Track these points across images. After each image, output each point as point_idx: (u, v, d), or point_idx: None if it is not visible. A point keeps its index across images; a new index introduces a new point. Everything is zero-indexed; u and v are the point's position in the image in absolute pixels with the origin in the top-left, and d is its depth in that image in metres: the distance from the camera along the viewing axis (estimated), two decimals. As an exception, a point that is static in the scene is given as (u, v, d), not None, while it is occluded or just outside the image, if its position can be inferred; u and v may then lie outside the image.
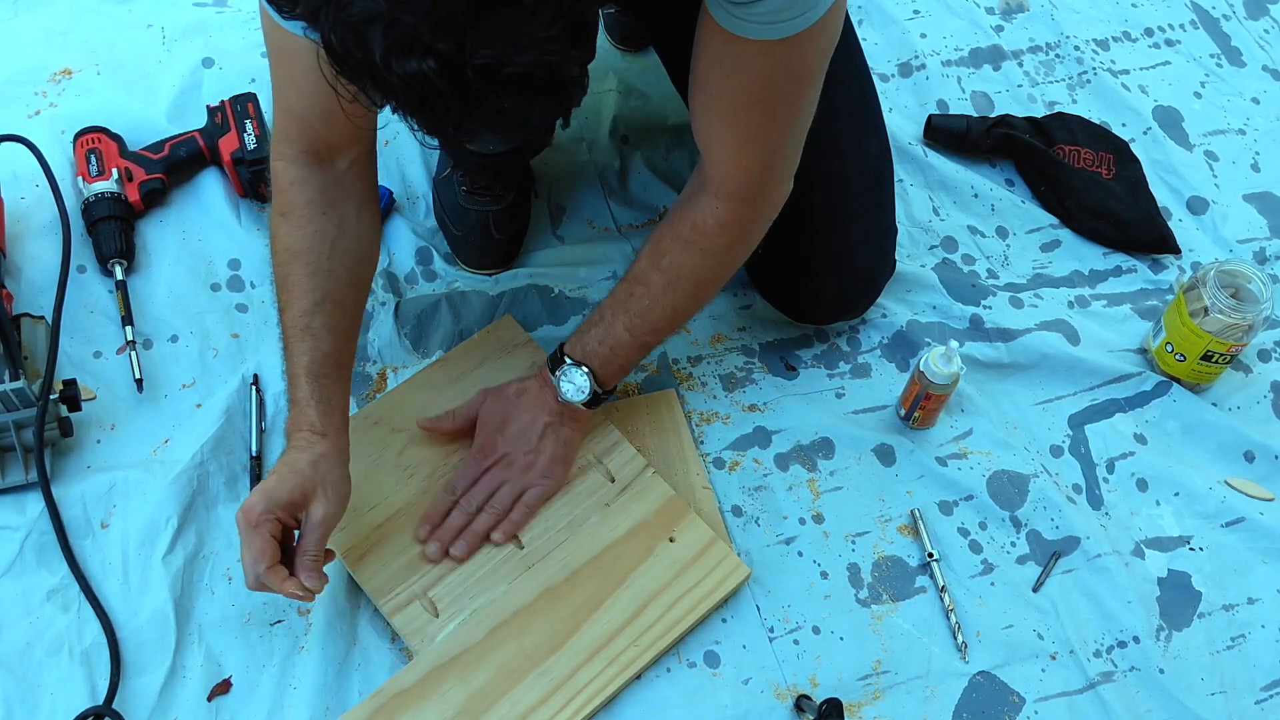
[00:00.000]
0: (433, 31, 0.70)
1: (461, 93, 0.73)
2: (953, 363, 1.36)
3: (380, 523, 1.30)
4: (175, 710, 1.22)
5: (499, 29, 0.71)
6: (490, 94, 0.74)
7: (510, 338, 1.43)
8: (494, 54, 0.71)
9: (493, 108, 0.75)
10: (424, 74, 0.71)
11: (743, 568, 1.30)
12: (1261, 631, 1.36)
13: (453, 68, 0.71)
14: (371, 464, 1.33)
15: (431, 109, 0.75)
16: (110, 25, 1.67)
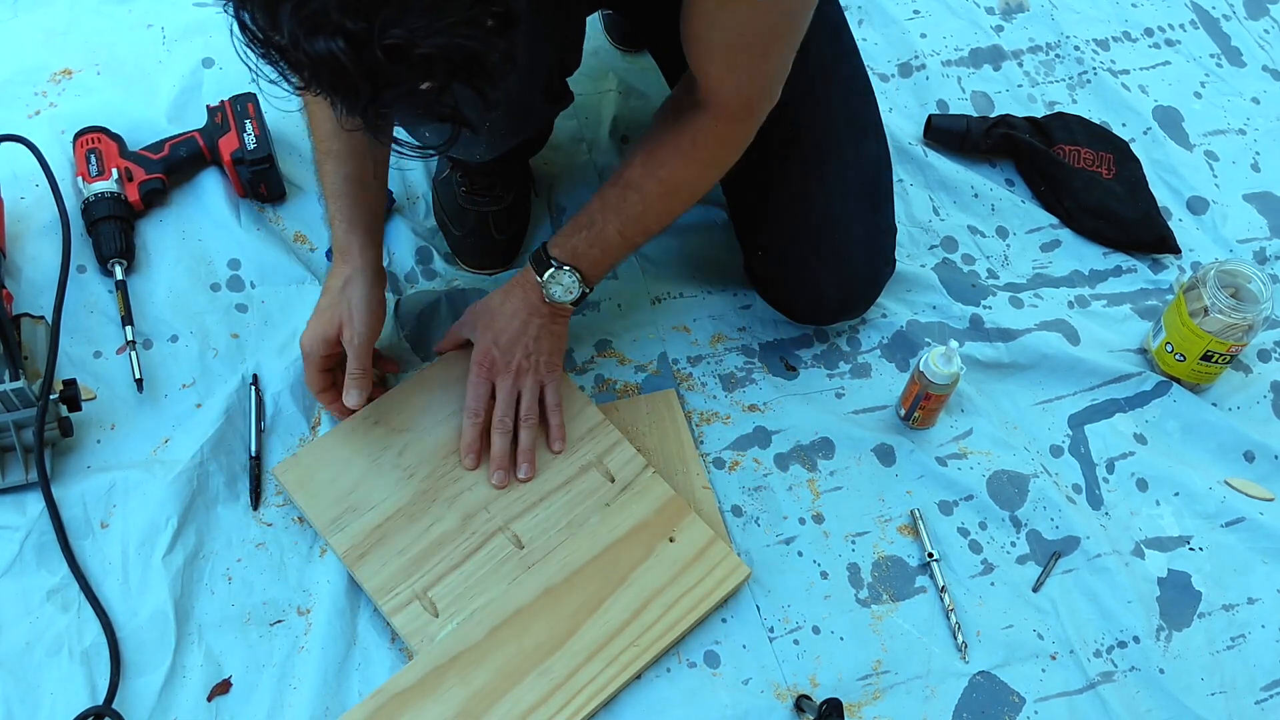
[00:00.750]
0: (342, 11, 0.70)
1: (371, 73, 0.73)
2: (953, 363, 1.36)
3: (380, 523, 1.29)
4: (175, 710, 1.22)
5: (411, 10, 0.71)
6: (401, 75, 0.74)
7: None
8: (404, 35, 0.71)
9: (405, 89, 0.75)
10: (333, 53, 0.72)
11: (743, 568, 1.30)
12: (1261, 631, 1.36)
13: (362, 47, 0.71)
14: (371, 464, 1.32)
15: (342, 89, 0.75)
16: (110, 25, 1.67)
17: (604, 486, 1.33)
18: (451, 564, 1.28)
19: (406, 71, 0.74)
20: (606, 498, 1.32)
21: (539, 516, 1.30)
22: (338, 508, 1.30)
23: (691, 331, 1.50)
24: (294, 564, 1.31)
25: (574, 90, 1.35)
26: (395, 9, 0.71)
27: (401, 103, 0.77)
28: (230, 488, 1.34)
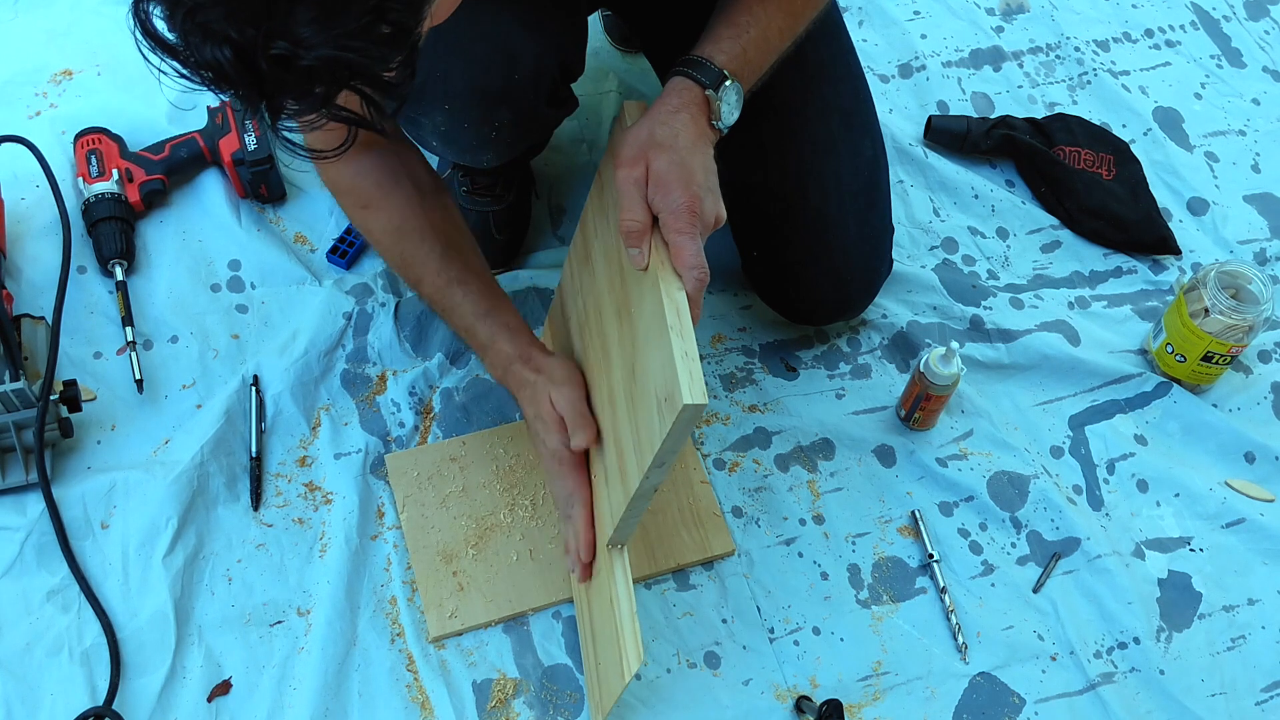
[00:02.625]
0: (229, 20, 0.71)
1: (257, 80, 0.74)
2: (953, 363, 1.36)
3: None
4: (175, 711, 1.22)
5: (298, 20, 0.71)
6: (287, 83, 0.74)
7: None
8: (288, 46, 0.72)
9: (293, 95, 0.76)
10: (218, 61, 0.72)
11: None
12: (1262, 632, 1.35)
13: (247, 57, 0.72)
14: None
15: (232, 94, 0.76)
16: (111, 26, 1.67)
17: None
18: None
19: (292, 80, 0.74)
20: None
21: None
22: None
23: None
24: (294, 565, 1.31)
25: (574, 92, 1.35)
26: (282, 19, 0.71)
27: (294, 107, 0.78)
28: (230, 488, 1.34)
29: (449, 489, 1.36)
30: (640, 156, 1.02)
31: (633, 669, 1.12)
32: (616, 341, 1.12)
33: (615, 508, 1.14)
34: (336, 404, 1.41)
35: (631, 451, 1.08)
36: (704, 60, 1.08)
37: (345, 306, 1.47)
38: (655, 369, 1.01)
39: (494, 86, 1.19)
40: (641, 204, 1.03)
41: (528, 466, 1.38)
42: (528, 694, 1.26)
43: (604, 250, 1.16)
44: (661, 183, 1.01)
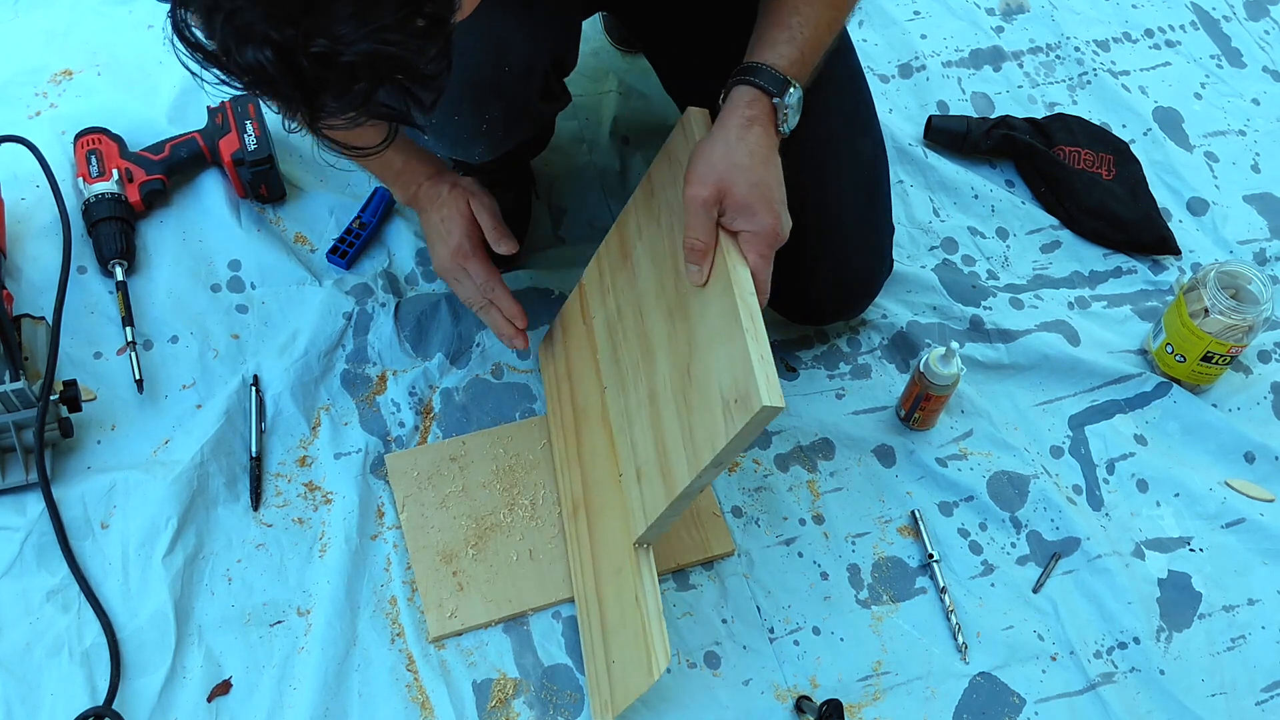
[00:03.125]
0: (268, 21, 0.72)
1: (299, 80, 0.74)
2: (953, 364, 1.36)
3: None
4: (175, 711, 1.22)
5: (337, 17, 0.72)
6: (329, 81, 0.75)
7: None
8: (329, 43, 0.72)
9: (335, 93, 0.76)
10: (260, 63, 0.73)
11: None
12: (1262, 633, 1.35)
13: (288, 57, 0.73)
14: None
15: (274, 95, 0.77)
16: (111, 26, 1.67)
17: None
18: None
19: (334, 77, 0.75)
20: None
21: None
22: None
23: (692, 332, 1.50)
24: (294, 565, 1.31)
25: (574, 91, 1.35)
26: (321, 17, 0.72)
27: (335, 105, 0.78)
28: (230, 488, 1.34)
29: (449, 489, 1.36)
30: (715, 178, 1.03)
31: (661, 667, 1.12)
32: (665, 342, 1.13)
33: (651, 506, 1.15)
34: (336, 404, 1.41)
35: (681, 450, 1.09)
36: (766, 67, 1.07)
37: (345, 306, 1.47)
38: (721, 371, 1.03)
39: (485, 78, 1.19)
40: (710, 225, 1.05)
41: (528, 466, 1.38)
42: (528, 694, 1.26)
43: (651, 253, 1.18)
44: (744, 206, 1.04)
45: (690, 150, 1.10)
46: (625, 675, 1.19)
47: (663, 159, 1.17)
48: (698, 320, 1.09)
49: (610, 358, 1.27)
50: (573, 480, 1.33)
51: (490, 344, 1.47)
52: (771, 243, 1.05)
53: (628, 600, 1.19)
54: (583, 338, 1.35)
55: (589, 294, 1.35)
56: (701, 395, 1.07)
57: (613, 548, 1.23)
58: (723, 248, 1.06)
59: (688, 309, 1.10)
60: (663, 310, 1.15)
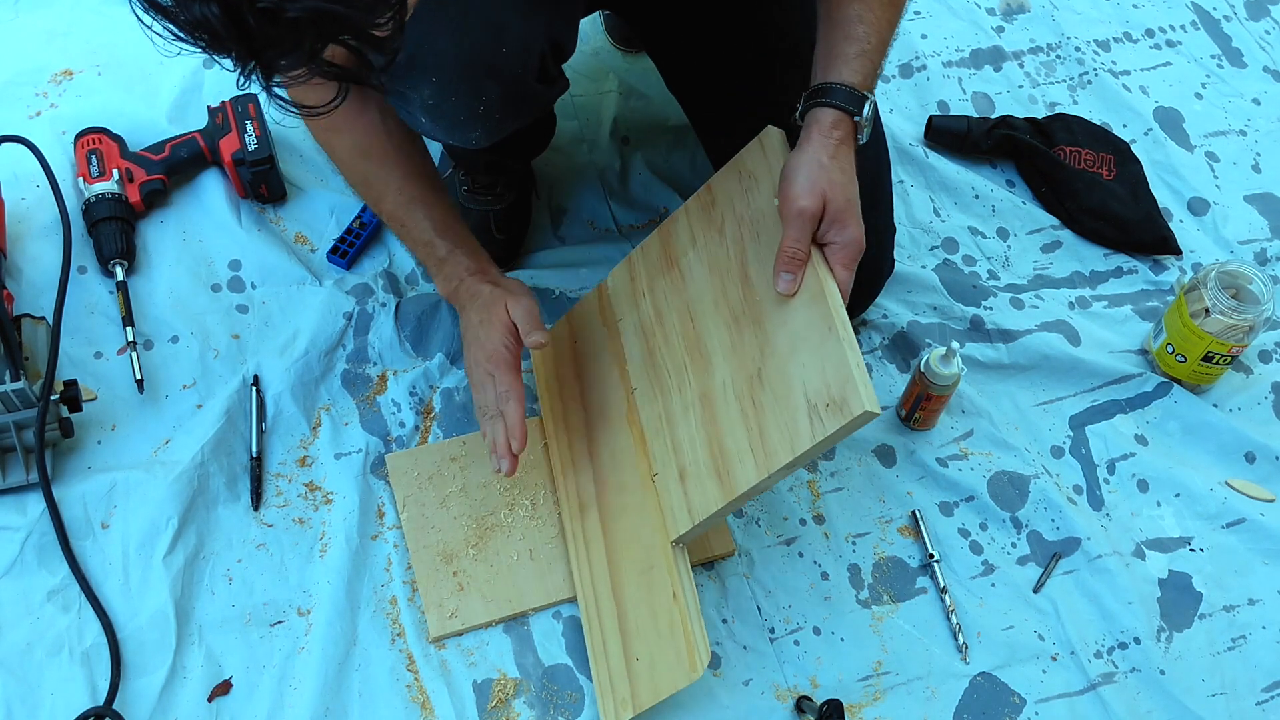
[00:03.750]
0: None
1: (245, 36, 0.75)
2: (953, 364, 1.36)
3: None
4: (175, 711, 1.22)
5: None
6: (274, 38, 0.75)
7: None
8: (274, 1, 0.73)
9: (281, 51, 0.77)
10: (207, 18, 0.74)
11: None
12: (1262, 633, 1.35)
13: (234, 12, 0.73)
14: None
15: (222, 52, 0.77)
16: (111, 26, 1.67)
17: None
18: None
19: (279, 35, 0.75)
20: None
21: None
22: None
23: (692, 332, 1.50)
24: (294, 565, 1.31)
25: (574, 91, 1.35)
26: None
27: (284, 63, 0.79)
28: (231, 488, 1.34)
29: (449, 489, 1.36)
30: (819, 191, 1.08)
31: (705, 663, 1.15)
32: (727, 347, 1.18)
33: (700, 505, 1.18)
34: (337, 404, 1.41)
35: (747, 452, 1.14)
36: (843, 87, 1.11)
37: (345, 306, 1.47)
38: (809, 375, 1.08)
39: (482, 59, 1.18)
40: (809, 237, 1.10)
41: (528, 466, 1.38)
42: (528, 694, 1.26)
43: (708, 261, 1.23)
44: (839, 220, 1.09)
45: (769, 167, 1.16)
46: (654, 673, 1.19)
47: (730, 173, 1.22)
48: (776, 327, 1.13)
49: (643, 360, 1.29)
50: (580, 481, 1.33)
51: (491, 344, 1.47)
52: (857, 255, 1.11)
53: (661, 598, 1.20)
54: (601, 340, 1.35)
55: (615, 298, 1.35)
56: (777, 398, 1.12)
57: (639, 547, 1.24)
58: (813, 259, 1.11)
59: (760, 316, 1.15)
60: (724, 316, 1.20)
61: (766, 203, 1.17)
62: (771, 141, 1.18)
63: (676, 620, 1.18)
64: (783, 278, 1.11)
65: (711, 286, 1.22)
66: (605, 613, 1.25)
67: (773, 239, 1.14)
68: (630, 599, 1.23)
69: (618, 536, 1.27)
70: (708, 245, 1.24)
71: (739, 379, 1.17)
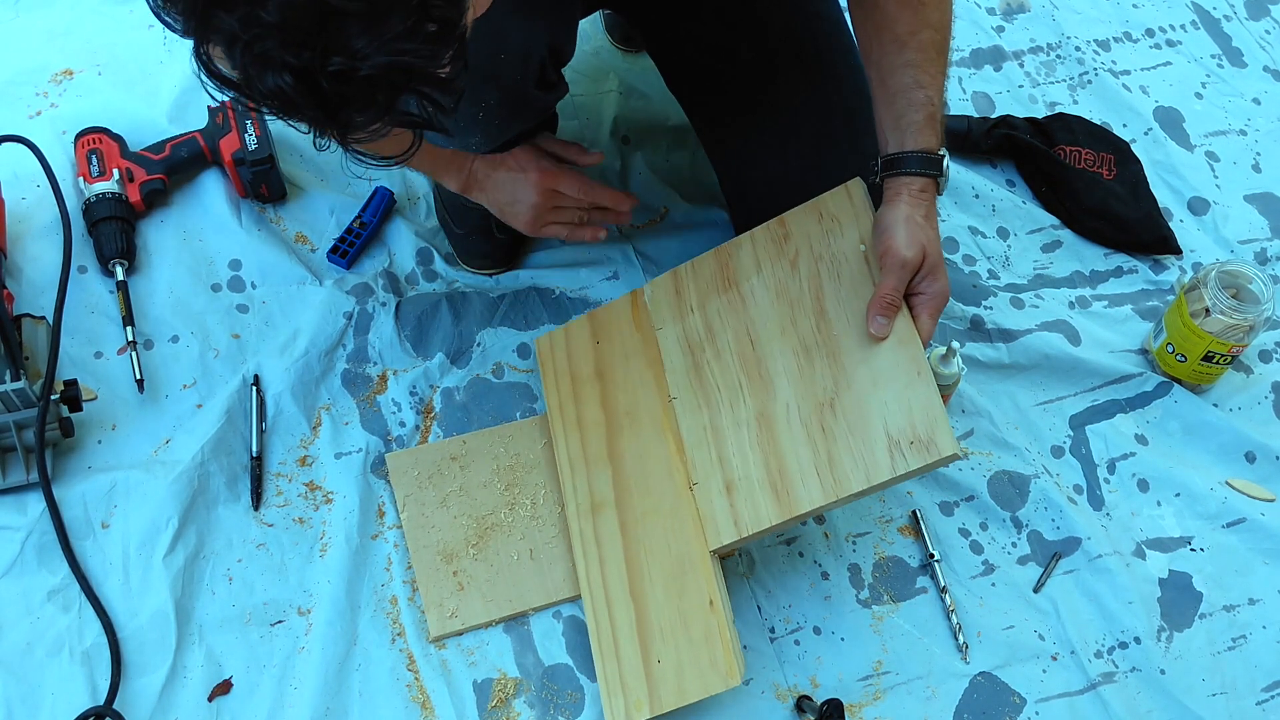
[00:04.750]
0: (284, 47, 0.73)
1: (320, 101, 0.75)
2: (953, 363, 1.36)
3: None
4: (176, 710, 1.22)
5: (349, 32, 0.73)
6: (349, 97, 0.76)
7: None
8: (346, 60, 0.73)
9: (357, 108, 0.77)
10: (281, 89, 0.74)
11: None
12: (1263, 632, 1.35)
13: (308, 79, 0.74)
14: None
15: (299, 118, 0.78)
16: (112, 26, 1.67)
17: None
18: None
19: (354, 93, 0.76)
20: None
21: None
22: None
23: (692, 332, 1.50)
24: (294, 564, 1.31)
25: (574, 91, 1.35)
26: (334, 35, 0.73)
27: (360, 120, 0.79)
28: (231, 488, 1.34)
29: (449, 488, 1.36)
30: (919, 247, 1.16)
31: (742, 671, 1.18)
32: (794, 373, 1.24)
33: (751, 521, 1.22)
34: (337, 403, 1.41)
35: (813, 475, 1.19)
36: (920, 155, 1.17)
37: (346, 306, 1.47)
38: (890, 412, 1.16)
39: (481, 66, 1.18)
40: (905, 286, 1.17)
41: (528, 466, 1.38)
42: (528, 693, 1.26)
43: (776, 289, 1.29)
44: (933, 273, 1.17)
45: (855, 215, 1.25)
46: (681, 676, 1.20)
47: (810, 212, 1.29)
48: (856, 363, 1.20)
49: (687, 372, 1.31)
50: (594, 480, 1.32)
51: (490, 343, 1.47)
52: (943, 305, 1.19)
53: (694, 604, 1.22)
54: (634, 344, 1.37)
55: (657, 305, 1.37)
56: (852, 429, 1.18)
57: (669, 552, 1.25)
58: (904, 305, 1.18)
59: (837, 350, 1.22)
60: (791, 344, 1.25)
61: (850, 247, 1.24)
62: (858, 192, 1.25)
63: (713, 628, 1.20)
64: (877, 320, 1.17)
65: (778, 314, 1.27)
66: (619, 612, 1.25)
67: (855, 281, 1.22)
68: (654, 602, 1.24)
69: (642, 539, 1.27)
70: (776, 274, 1.29)
71: (805, 404, 1.22)
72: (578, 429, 1.36)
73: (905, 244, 1.15)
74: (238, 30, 0.72)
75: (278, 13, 0.71)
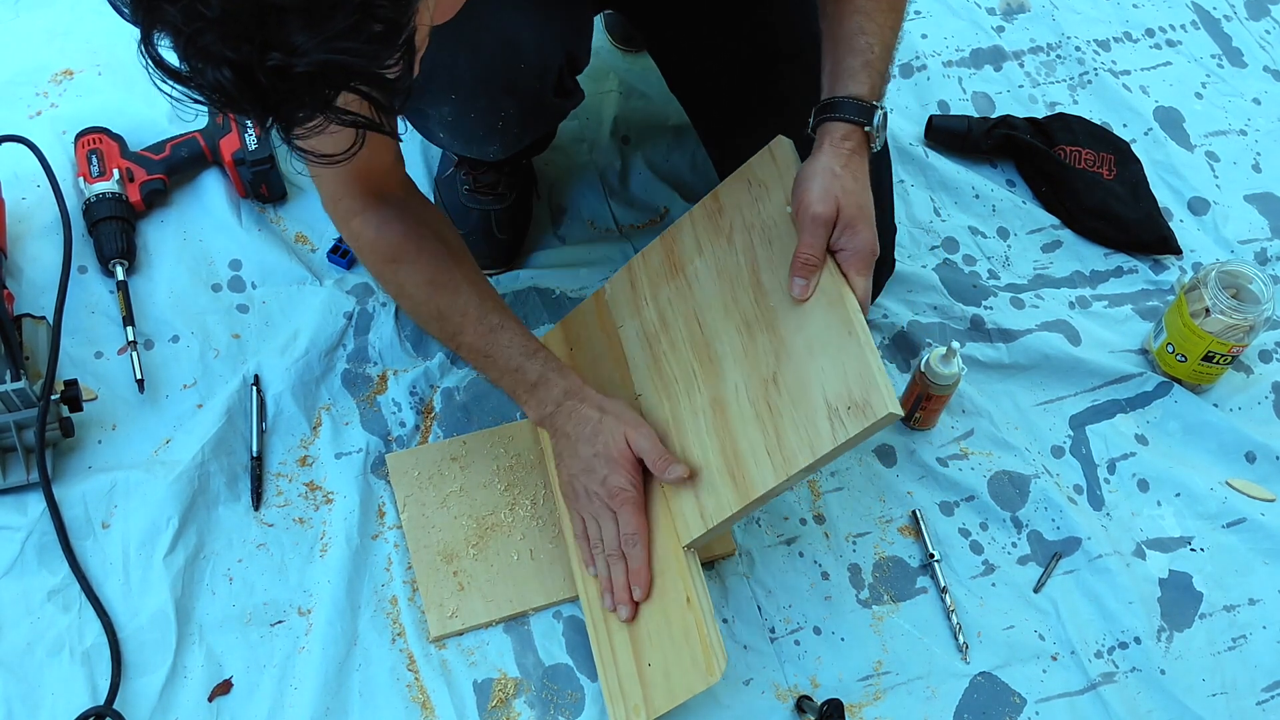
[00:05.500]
0: (224, 41, 0.73)
1: (259, 96, 0.75)
2: (953, 363, 1.36)
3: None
4: (176, 710, 1.22)
5: (287, 30, 0.72)
6: (287, 94, 0.76)
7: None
8: (283, 56, 0.73)
9: (296, 105, 0.78)
10: (220, 83, 0.75)
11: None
12: (1263, 632, 1.35)
13: (246, 74, 0.74)
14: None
15: (239, 112, 0.79)
16: (111, 25, 1.65)
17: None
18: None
19: (291, 89, 0.76)
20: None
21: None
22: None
23: (692, 332, 1.50)
24: (295, 564, 1.31)
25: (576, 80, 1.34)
26: (274, 30, 0.72)
27: (300, 116, 0.79)
28: (231, 488, 1.34)
29: (449, 488, 1.36)
30: (832, 198, 1.09)
31: (722, 667, 1.15)
32: (739, 353, 1.19)
33: (715, 511, 1.18)
34: (337, 403, 1.41)
35: (764, 456, 1.14)
36: (851, 100, 1.12)
37: (346, 306, 1.47)
38: (828, 379, 1.10)
39: (500, 76, 1.19)
40: (824, 242, 1.11)
41: (528, 466, 1.38)
42: (528, 694, 1.26)
43: (717, 267, 1.24)
44: (851, 225, 1.10)
45: (780, 176, 1.17)
46: (669, 677, 1.19)
47: (738, 181, 1.23)
48: (792, 332, 1.14)
49: (648, 367, 1.29)
50: None
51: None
52: (870, 260, 1.12)
53: (674, 603, 1.20)
54: (601, 347, 1.35)
55: (616, 304, 1.35)
56: (794, 402, 1.12)
57: (671, 551, 1.23)
58: (828, 264, 1.12)
59: (775, 322, 1.16)
60: (734, 322, 1.20)
61: (778, 210, 1.17)
62: (783, 151, 1.19)
63: (691, 625, 1.17)
64: (796, 282, 1.12)
65: (721, 293, 1.23)
66: (612, 618, 1.25)
67: (785, 246, 1.14)
68: (641, 605, 1.23)
69: None
70: (715, 252, 1.24)
71: (753, 383, 1.17)
72: None
73: (818, 198, 1.09)
74: (180, 23, 0.72)
75: (218, 6, 0.71)
